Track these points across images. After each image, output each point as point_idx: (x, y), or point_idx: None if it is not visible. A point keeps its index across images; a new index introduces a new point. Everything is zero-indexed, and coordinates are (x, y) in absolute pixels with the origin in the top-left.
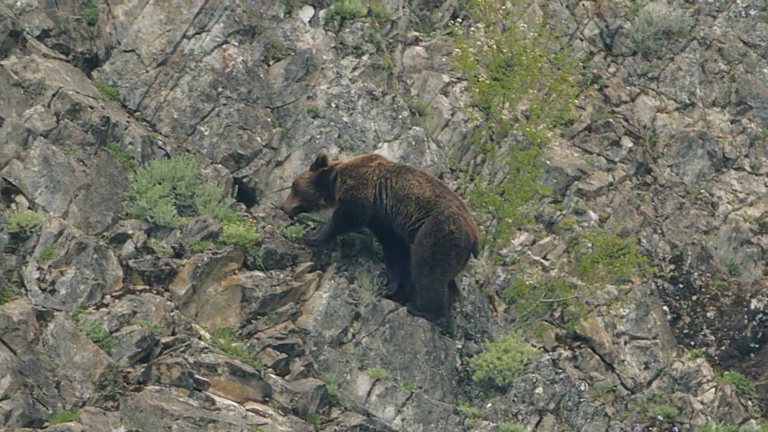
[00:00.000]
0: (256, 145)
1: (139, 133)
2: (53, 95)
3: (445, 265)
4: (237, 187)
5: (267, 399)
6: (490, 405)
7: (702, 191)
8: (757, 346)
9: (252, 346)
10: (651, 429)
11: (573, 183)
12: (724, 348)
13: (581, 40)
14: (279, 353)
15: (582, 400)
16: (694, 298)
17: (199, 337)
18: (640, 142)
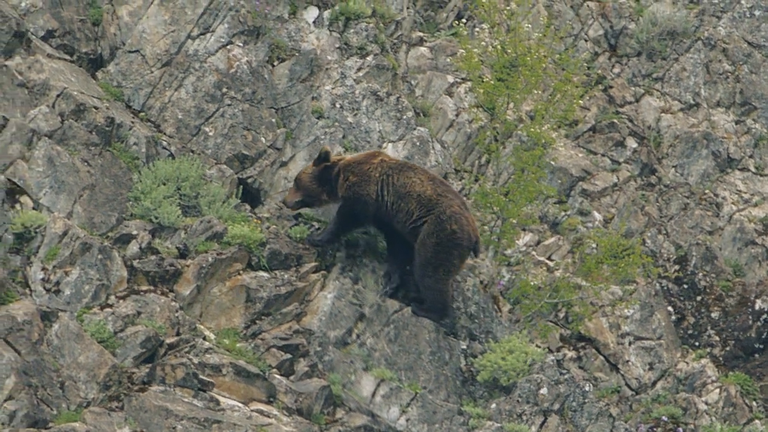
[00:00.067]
0: (260, 145)
1: (143, 134)
2: (58, 96)
3: (448, 264)
4: (241, 188)
5: (271, 399)
6: (494, 405)
7: (706, 192)
8: (761, 346)
9: (256, 347)
10: (655, 429)
11: (577, 183)
12: (728, 348)
13: (586, 41)
14: (283, 354)
15: (586, 400)
16: (699, 298)
17: (204, 338)
18: (645, 142)
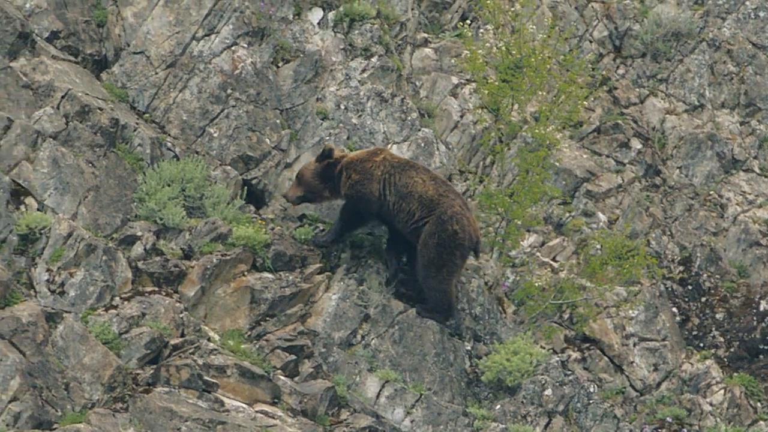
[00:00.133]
0: (265, 146)
1: (148, 135)
2: (62, 97)
3: (451, 265)
4: (246, 189)
5: (276, 401)
6: (499, 407)
7: (711, 193)
8: (766, 347)
9: (261, 348)
10: (660, 431)
11: (582, 184)
12: (733, 350)
13: (590, 42)
14: (288, 355)
15: (591, 401)
16: (703, 299)
17: (208, 339)
18: (649, 143)
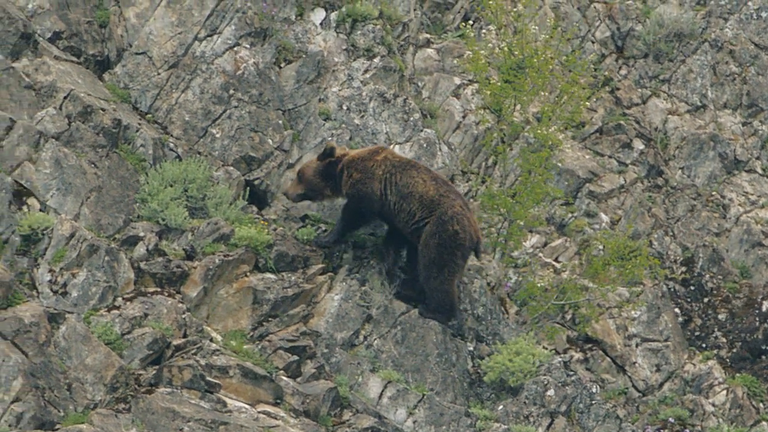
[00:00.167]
0: (267, 147)
1: (150, 136)
2: (65, 97)
3: (452, 265)
4: (248, 190)
5: (278, 401)
6: (501, 407)
7: (713, 193)
8: None
9: (263, 349)
10: (662, 431)
11: (584, 185)
12: (735, 350)
13: (593, 43)
14: (290, 355)
15: (593, 402)
16: (706, 300)
17: (211, 340)
18: (652, 144)
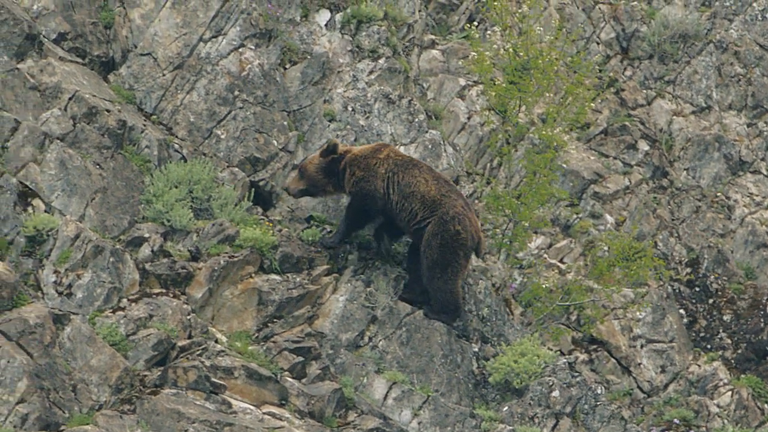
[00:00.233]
0: (272, 148)
1: (155, 137)
2: (70, 99)
3: (455, 265)
4: (253, 191)
5: (283, 402)
6: (506, 408)
7: (718, 194)
8: None
9: (268, 350)
10: None
11: (589, 186)
12: (740, 351)
13: (597, 44)
14: (295, 356)
15: (598, 403)
16: (711, 301)
17: (216, 341)
18: (657, 145)
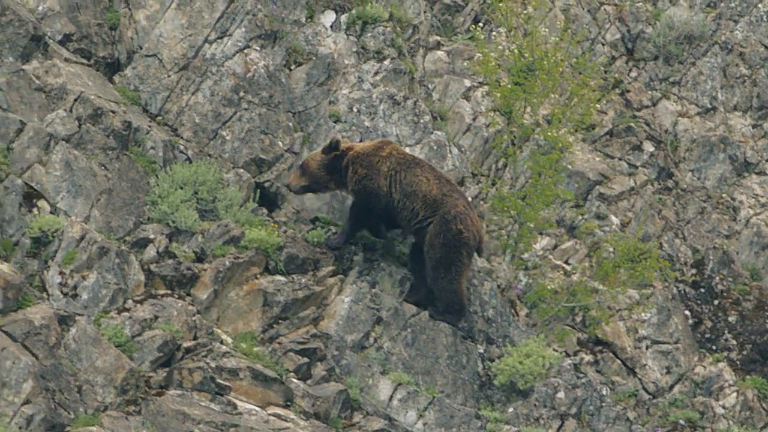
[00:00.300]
0: (277, 149)
1: (160, 138)
2: (75, 100)
3: (459, 264)
4: (259, 192)
5: (289, 403)
6: (511, 409)
7: (723, 195)
8: None
9: (274, 351)
10: None
11: (594, 187)
12: (745, 352)
13: (603, 45)
14: (301, 358)
15: (603, 404)
16: (716, 302)
17: (221, 342)
18: (662, 146)
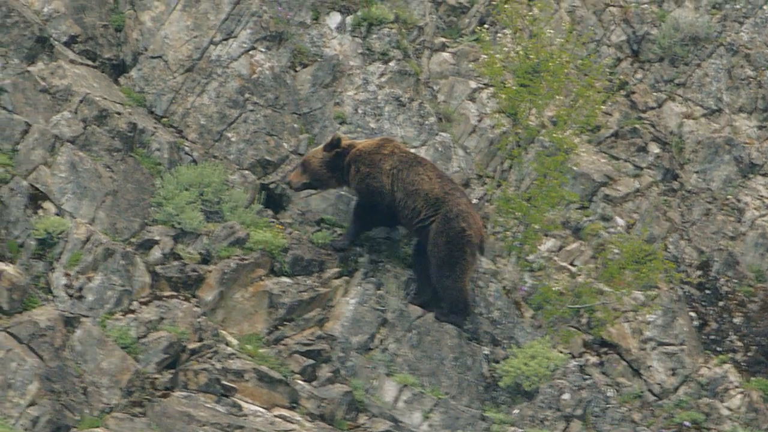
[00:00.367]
0: (283, 151)
1: (166, 139)
2: (80, 101)
3: (463, 262)
4: (264, 193)
5: (294, 405)
6: (517, 411)
7: (729, 197)
8: None
9: (279, 352)
10: None
11: (600, 189)
12: (750, 354)
13: (608, 46)
14: (306, 359)
15: (609, 406)
16: (721, 304)
17: (227, 343)
18: (667, 148)
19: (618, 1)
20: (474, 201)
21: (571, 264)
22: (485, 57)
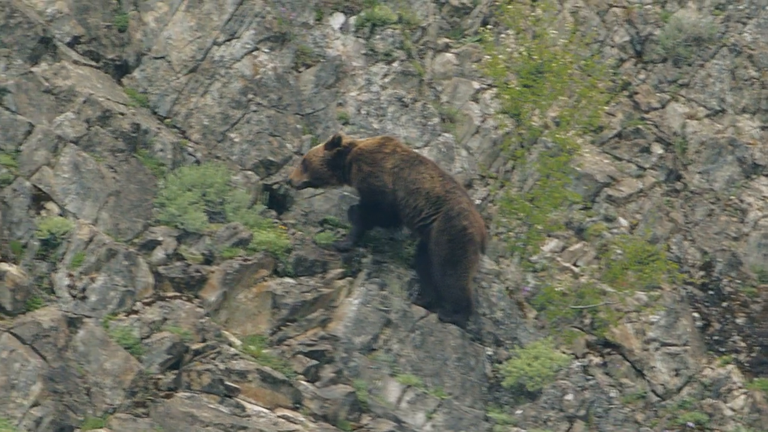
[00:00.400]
0: (286, 151)
1: (169, 140)
2: (84, 102)
3: (465, 261)
4: (267, 194)
5: (297, 405)
6: (520, 411)
7: (732, 198)
8: None
9: (282, 353)
10: None
11: (603, 189)
12: (754, 354)
13: (611, 47)
14: (309, 360)
15: (612, 406)
16: (724, 304)
17: (230, 344)
18: (670, 148)
19: (621, 2)
20: (477, 202)
21: (574, 264)
22: (488, 58)
